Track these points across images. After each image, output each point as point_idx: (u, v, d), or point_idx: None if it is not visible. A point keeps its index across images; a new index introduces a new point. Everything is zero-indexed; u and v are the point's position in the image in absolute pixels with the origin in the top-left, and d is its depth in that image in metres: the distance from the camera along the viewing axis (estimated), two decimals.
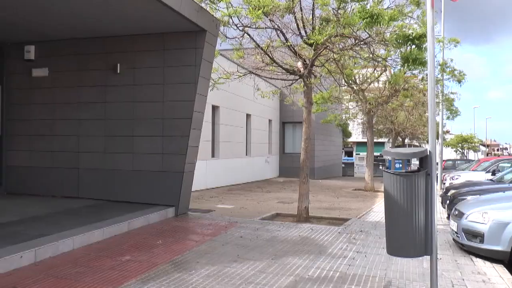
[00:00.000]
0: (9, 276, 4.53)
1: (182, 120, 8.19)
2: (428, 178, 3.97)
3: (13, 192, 9.61)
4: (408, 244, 3.96)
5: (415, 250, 3.97)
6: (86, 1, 7.01)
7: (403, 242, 3.99)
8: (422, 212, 3.92)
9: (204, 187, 14.78)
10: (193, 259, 5.32)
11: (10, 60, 9.72)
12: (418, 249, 3.96)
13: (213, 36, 8.39)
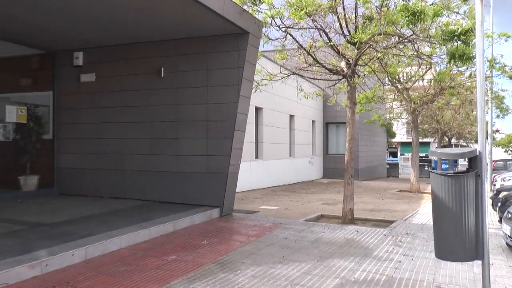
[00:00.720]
0: (63, 272, 4.73)
1: (226, 122, 8.27)
2: (478, 179, 3.84)
3: (64, 193, 10.01)
4: (458, 248, 3.84)
5: (465, 254, 3.84)
6: (132, 11, 7.22)
7: (452, 245, 3.87)
8: (472, 214, 3.79)
9: (248, 188, 14.85)
10: (238, 259, 5.36)
11: (60, 66, 10.15)
12: (469, 253, 3.83)
13: (256, 38, 8.43)
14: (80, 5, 7.02)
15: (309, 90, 13.47)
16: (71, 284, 4.32)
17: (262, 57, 10.04)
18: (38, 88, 10.45)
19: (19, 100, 10.38)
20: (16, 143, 9.88)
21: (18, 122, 9.65)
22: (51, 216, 7.31)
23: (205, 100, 8.49)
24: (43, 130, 10.21)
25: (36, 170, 10.14)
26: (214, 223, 7.75)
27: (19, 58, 10.42)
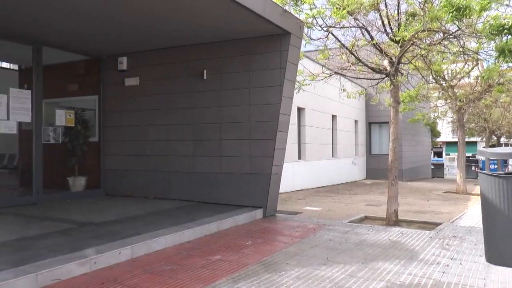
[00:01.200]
0: (110, 270, 4.86)
1: (268, 123, 8.27)
2: None
3: (110, 193, 10.32)
4: (510, 252, 3.69)
5: None
6: (174, 16, 7.34)
7: (504, 250, 3.73)
8: None
9: (291, 189, 14.82)
10: (282, 260, 5.35)
11: (105, 71, 10.46)
12: None
13: (298, 38, 8.39)
14: (124, 13, 7.21)
15: (351, 89, 13.31)
16: (118, 281, 4.44)
17: (304, 58, 9.98)
18: (85, 92, 10.82)
19: (68, 104, 10.78)
20: (65, 146, 10.25)
21: (66, 126, 10.00)
22: (99, 216, 7.54)
23: (248, 102, 8.53)
24: (90, 133, 10.56)
25: (84, 172, 10.49)
26: (258, 223, 7.77)
27: (67, 65, 10.81)
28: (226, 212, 7.87)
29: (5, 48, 9.21)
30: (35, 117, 9.06)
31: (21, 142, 10.31)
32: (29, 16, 7.49)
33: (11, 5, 6.92)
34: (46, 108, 9.65)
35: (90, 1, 6.70)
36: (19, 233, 6.15)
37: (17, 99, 8.72)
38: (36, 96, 9.08)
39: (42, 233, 6.09)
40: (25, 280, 4.16)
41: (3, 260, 4.73)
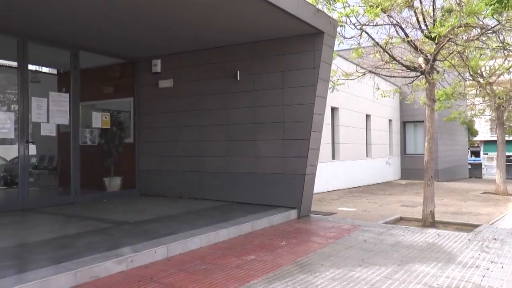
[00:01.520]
0: (146, 268, 4.93)
1: (302, 123, 8.24)
2: None
3: (145, 193, 10.50)
4: None
5: None
6: (207, 18, 7.40)
7: None
8: None
9: (325, 190, 14.71)
10: (317, 261, 5.31)
11: (140, 74, 10.66)
12: None
13: (331, 37, 8.33)
14: (159, 17, 7.31)
15: (385, 88, 13.12)
16: (154, 280, 4.50)
17: (337, 57, 9.88)
18: (120, 95, 11.05)
19: (103, 106, 11.03)
20: (101, 147, 10.48)
21: (102, 128, 10.23)
22: (134, 215, 7.67)
23: (281, 102, 8.51)
24: (125, 134, 10.77)
25: (119, 172, 10.70)
26: (292, 224, 7.74)
27: (103, 68, 11.07)
28: (260, 212, 7.88)
29: (45, 54, 9.52)
30: (72, 119, 9.31)
31: (59, 144, 10.61)
32: (67, 22, 7.71)
33: (51, 11, 7.13)
34: (83, 110, 9.90)
35: (126, 5, 6.82)
36: (59, 231, 6.33)
37: (56, 102, 8.98)
38: (73, 99, 9.32)
39: (80, 232, 6.25)
40: (65, 277, 4.27)
41: (45, 257, 4.88)
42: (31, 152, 8.64)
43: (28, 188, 8.51)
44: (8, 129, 8.35)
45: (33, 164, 9.94)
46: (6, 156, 10.77)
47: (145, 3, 6.71)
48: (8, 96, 11.09)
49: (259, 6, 6.78)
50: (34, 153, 9.30)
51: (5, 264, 4.62)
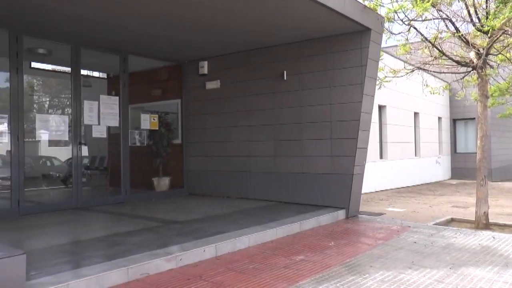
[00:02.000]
0: (195, 267, 4.99)
1: (349, 122, 8.13)
2: None
3: (193, 193, 10.66)
4: None
5: None
6: (253, 19, 7.42)
7: None
8: None
9: (373, 190, 14.46)
10: (366, 262, 5.21)
11: (187, 76, 10.84)
12: None
13: (378, 34, 8.17)
14: (206, 18, 7.39)
15: (434, 85, 12.74)
16: (203, 278, 4.55)
17: (384, 54, 9.69)
18: (168, 97, 11.28)
19: (152, 108, 11.31)
20: (150, 148, 10.73)
21: (151, 129, 10.47)
22: (183, 214, 7.79)
23: (329, 101, 8.43)
24: (173, 135, 10.98)
25: (168, 172, 10.92)
26: (340, 224, 7.65)
27: (151, 71, 11.33)
28: (308, 212, 7.83)
29: (96, 58, 9.85)
30: (122, 121, 9.57)
31: (110, 145, 10.96)
32: (117, 28, 7.94)
33: (102, 18, 7.37)
34: (132, 112, 10.17)
35: (175, 10, 6.95)
36: (110, 229, 6.52)
37: (106, 105, 9.26)
38: (123, 101, 9.58)
39: (131, 230, 6.41)
40: (117, 273, 4.39)
41: (98, 254, 5.04)
42: (83, 153, 8.93)
43: (81, 188, 8.82)
44: (62, 132, 8.69)
45: (85, 165, 10.30)
46: (60, 157, 11.23)
47: (194, 5, 6.80)
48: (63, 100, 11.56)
49: (305, 5, 6.74)
50: (86, 154, 9.61)
51: (62, 260, 4.80)
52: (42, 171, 11.09)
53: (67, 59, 8.78)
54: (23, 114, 7.92)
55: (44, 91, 11.70)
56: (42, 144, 10.41)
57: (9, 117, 7.75)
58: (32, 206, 8.23)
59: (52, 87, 11.84)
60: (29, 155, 8.78)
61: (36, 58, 9.57)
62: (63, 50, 8.80)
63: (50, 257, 4.92)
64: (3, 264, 3.50)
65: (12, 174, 7.74)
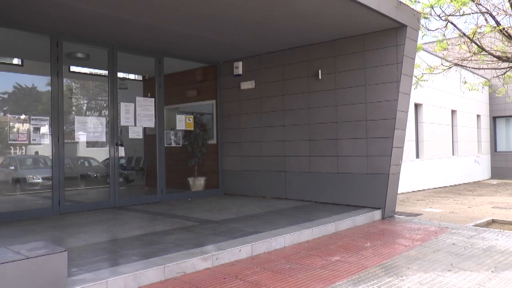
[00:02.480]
0: (231, 266, 5.02)
1: (385, 120, 8.01)
2: None
3: (228, 193, 10.73)
4: None
5: None
6: (288, 18, 7.39)
7: None
8: None
9: (409, 190, 14.21)
10: (403, 264, 5.12)
11: (222, 77, 10.92)
12: None
13: (414, 31, 8.02)
14: (241, 18, 7.42)
15: (473, 81, 12.41)
16: (239, 277, 4.56)
17: (421, 50, 9.50)
18: (203, 97, 11.38)
19: (187, 109, 11.45)
20: (185, 148, 10.86)
21: (186, 130, 10.59)
22: (219, 214, 7.84)
23: (364, 100, 8.33)
24: (208, 135, 11.08)
25: (203, 172, 11.02)
26: (376, 225, 7.55)
27: (186, 72, 11.48)
28: (344, 212, 7.76)
29: (132, 61, 10.03)
30: (158, 122, 9.71)
31: (146, 146, 11.16)
32: (153, 30, 8.07)
33: (139, 21, 7.51)
34: (168, 113, 10.32)
35: (210, 11, 7.01)
36: (147, 228, 6.62)
37: (142, 106, 9.41)
38: (158, 103, 9.73)
39: (167, 229, 6.50)
40: (154, 271, 4.45)
41: (135, 252, 5.13)
42: (120, 154, 9.11)
43: (118, 188, 9.00)
44: (99, 133, 8.88)
45: (122, 165, 10.51)
46: (98, 157, 11.50)
47: (229, 6, 6.84)
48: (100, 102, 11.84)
49: (340, 3, 6.69)
50: (123, 154, 9.80)
51: (100, 258, 4.91)
52: (81, 171, 11.38)
53: (104, 63, 8.99)
54: (63, 116, 8.15)
55: (82, 93, 12.00)
56: (81, 145, 10.69)
57: (50, 120, 8.00)
58: (72, 205, 8.45)
59: (89, 90, 12.13)
60: (68, 156, 9.02)
61: (75, 62, 9.85)
62: (100, 54, 9.02)
63: (89, 255, 5.04)
64: (47, 261, 3.61)
65: (53, 174, 7.99)
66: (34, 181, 9.63)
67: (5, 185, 9.64)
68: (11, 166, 9.53)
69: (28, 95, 9.50)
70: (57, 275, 3.68)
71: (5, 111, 9.08)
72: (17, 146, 9.31)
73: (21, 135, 8.01)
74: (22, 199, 9.43)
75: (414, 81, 8.77)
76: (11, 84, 9.25)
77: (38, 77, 9.39)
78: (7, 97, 9.19)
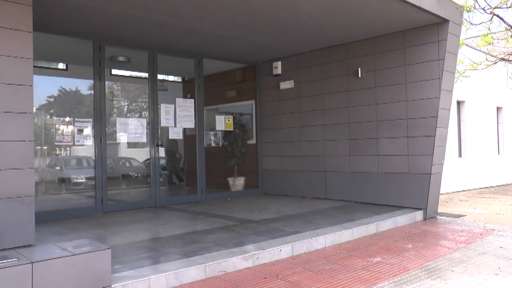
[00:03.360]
0: (271, 266, 5.02)
1: (427, 119, 7.83)
2: None
3: (268, 193, 10.75)
4: None
5: None
6: (327, 17, 7.34)
7: None
8: None
9: (452, 190, 13.83)
10: (446, 267, 4.98)
11: (260, 77, 10.95)
12: None
13: (457, 25, 7.80)
14: (280, 18, 7.41)
15: None
16: (280, 277, 4.56)
17: (464, 45, 9.22)
18: (242, 98, 11.45)
19: (226, 110, 11.54)
20: (225, 149, 10.95)
21: (226, 130, 10.68)
22: (259, 214, 7.86)
23: (404, 98, 8.18)
24: (247, 136, 11.14)
25: (243, 172, 11.08)
26: (418, 226, 7.39)
27: (225, 73, 11.57)
28: (384, 213, 7.65)
29: (172, 63, 10.19)
30: (198, 123, 9.83)
31: (186, 146, 11.31)
32: (193, 32, 8.19)
33: (179, 24, 7.64)
34: (207, 114, 10.43)
35: (249, 11, 7.04)
36: (188, 227, 6.71)
37: (182, 107, 9.56)
38: (198, 104, 9.85)
39: (208, 228, 6.57)
40: (196, 270, 4.51)
41: (177, 250, 5.21)
42: (160, 154, 9.27)
43: (159, 187, 9.16)
44: (140, 134, 9.06)
45: (162, 165, 10.69)
46: (139, 158, 11.73)
47: (269, 6, 6.85)
48: (140, 104, 12.08)
49: None
50: (163, 155, 9.97)
51: (142, 256, 5.02)
52: (122, 171, 11.63)
53: (144, 65, 9.18)
54: (105, 118, 8.37)
55: (123, 96, 12.27)
56: (122, 146, 10.95)
57: (92, 121, 8.23)
58: (114, 204, 8.66)
59: (130, 92, 12.39)
60: (110, 157, 9.25)
61: (116, 65, 10.09)
62: (140, 57, 9.22)
63: (132, 252, 5.16)
64: (91, 258, 3.73)
65: (96, 174, 8.22)
66: (78, 181, 9.92)
67: (52, 185, 9.96)
68: (56, 166, 9.85)
69: (72, 98, 9.80)
70: (102, 272, 3.78)
71: (51, 114, 9.40)
72: (62, 147, 9.62)
73: (66, 137, 8.30)
74: (67, 198, 9.72)
75: (456, 77, 8.51)
76: (56, 88, 9.56)
77: (81, 80, 9.67)
78: (53, 101, 9.51)
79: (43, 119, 9.11)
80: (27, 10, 5.29)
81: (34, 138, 5.35)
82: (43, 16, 6.93)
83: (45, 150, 9.28)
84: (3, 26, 5.09)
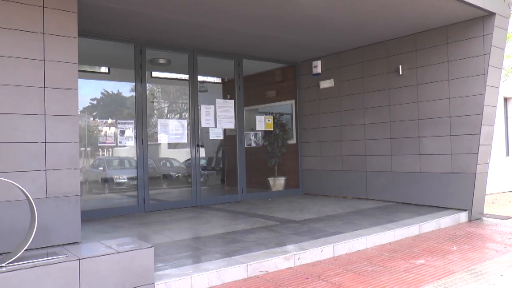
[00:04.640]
0: (313, 266, 5.00)
1: (471, 116, 7.60)
2: None
3: (308, 193, 10.71)
4: None
5: None
6: (368, 14, 7.24)
7: None
8: None
9: (498, 190, 13.35)
10: (495, 271, 4.81)
11: (300, 76, 10.93)
12: None
13: (504, 18, 7.53)
14: (320, 17, 7.37)
15: None
16: (322, 278, 4.54)
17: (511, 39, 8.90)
18: (282, 98, 11.45)
19: (266, 110, 11.57)
20: (265, 149, 10.98)
21: (266, 130, 10.70)
22: (299, 214, 7.84)
23: (447, 95, 7.97)
24: (287, 135, 11.13)
25: (283, 172, 11.08)
26: (463, 227, 7.18)
27: (265, 73, 11.59)
28: (428, 214, 7.48)
29: (212, 64, 10.31)
30: (238, 123, 9.90)
31: (226, 146, 11.40)
32: (232, 33, 8.26)
33: (218, 26, 7.73)
34: (247, 114, 10.48)
35: (289, 11, 7.03)
36: (229, 227, 6.77)
37: (222, 108, 9.64)
38: (238, 104, 9.92)
39: (248, 228, 6.60)
40: (237, 269, 4.55)
41: (218, 250, 5.26)
42: (201, 154, 9.39)
43: (200, 187, 9.28)
44: (180, 135, 9.20)
45: (203, 166, 10.82)
46: (179, 158, 11.92)
47: (309, 6, 6.83)
48: (180, 105, 12.27)
49: None
50: (203, 155, 10.09)
51: (184, 254, 5.09)
52: (163, 171, 11.84)
53: (184, 67, 9.32)
54: (146, 120, 8.55)
55: (164, 97, 12.49)
56: (163, 147, 11.16)
57: (134, 123, 8.43)
58: (156, 203, 8.84)
59: (170, 94, 12.60)
60: (151, 157, 9.44)
61: (157, 67, 10.29)
62: (181, 59, 9.37)
63: (174, 251, 5.24)
64: (135, 256, 3.82)
65: (138, 174, 8.41)
66: (120, 181, 10.17)
67: (96, 185, 10.26)
68: (100, 167, 10.14)
69: (114, 101, 10.07)
70: (145, 269, 3.87)
71: (94, 116, 9.67)
72: (105, 148, 9.90)
73: (108, 138, 8.53)
74: (110, 198, 10.00)
75: (503, 73, 8.21)
76: (99, 91, 9.85)
77: (123, 83, 9.93)
78: (96, 103, 9.79)
79: (86, 121, 9.39)
80: (73, 17, 5.48)
81: (79, 139, 5.53)
82: (87, 21, 7.16)
83: (89, 151, 9.58)
84: (52, 33, 5.30)
